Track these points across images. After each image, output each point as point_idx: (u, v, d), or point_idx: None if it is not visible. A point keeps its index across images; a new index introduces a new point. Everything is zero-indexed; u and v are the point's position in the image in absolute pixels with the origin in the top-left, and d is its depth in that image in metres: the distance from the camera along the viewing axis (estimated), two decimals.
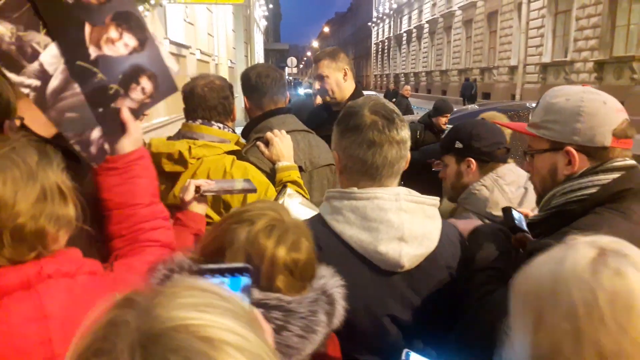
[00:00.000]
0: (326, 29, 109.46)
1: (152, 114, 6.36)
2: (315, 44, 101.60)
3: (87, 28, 1.17)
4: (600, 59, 15.51)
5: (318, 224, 1.33)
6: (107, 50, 1.19)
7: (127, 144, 1.24)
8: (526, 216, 1.58)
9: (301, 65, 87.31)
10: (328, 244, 1.28)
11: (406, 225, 1.28)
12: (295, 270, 1.03)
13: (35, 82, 1.13)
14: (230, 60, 16.46)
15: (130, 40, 1.22)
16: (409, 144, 1.37)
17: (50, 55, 1.14)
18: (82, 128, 1.20)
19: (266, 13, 34.58)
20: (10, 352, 0.86)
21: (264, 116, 2.27)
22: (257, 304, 0.96)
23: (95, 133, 1.21)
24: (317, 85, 2.81)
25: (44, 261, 0.92)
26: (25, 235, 0.87)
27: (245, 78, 2.30)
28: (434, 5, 33.40)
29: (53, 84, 1.15)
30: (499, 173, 1.90)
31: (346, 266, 1.21)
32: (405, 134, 1.35)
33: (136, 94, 1.25)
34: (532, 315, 0.78)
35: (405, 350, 1.05)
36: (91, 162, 1.23)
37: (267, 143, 2.14)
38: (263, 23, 35.15)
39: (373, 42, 57.12)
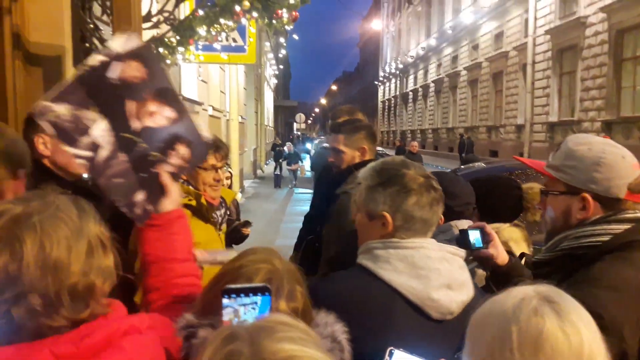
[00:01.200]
0: (334, 87, 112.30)
1: None
2: (323, 101, 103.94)
3: (129, 104, 1.32)
4: (608, 118, 15.59)
5: (361, 274, 1.35)
6: (148, 122, 1.34)
7: (168, 204, 1.35)
8: (483, 230, 1.63)
9: (309, 121, 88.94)
10: (375, 293, 1.31)
11: (450, 274, 1.34)
12: (296, 318, 0.99)
13: (88, 154, 1.30)
14: (241, 116, 16.71)
15: (169, 112, 1.36)
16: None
17: (99, 129, 1.30)
18: (127, 192, 1.34)
19: (276, 72, 35.54)
20: None
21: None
22: None
23: (139, 196, 1.34)
24: (331, 158, 2.62)
25: (116, 318, 0.95)
26: (79, 292, 0.88)
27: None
28: (439, 65, 34.25)
29: (102, 154, 1.31)
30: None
31: (398, 314, 1.28)
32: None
33: (174, 160, 1.37)
34: (469, 344, 0.89)
35: (389, 349, 1.10)
36: (137, 222, 1.36)
37: None
38: (273, 81, 36.06)
39: (379, 100, 58.33)
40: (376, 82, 59.71)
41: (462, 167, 6.68)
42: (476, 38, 27.13)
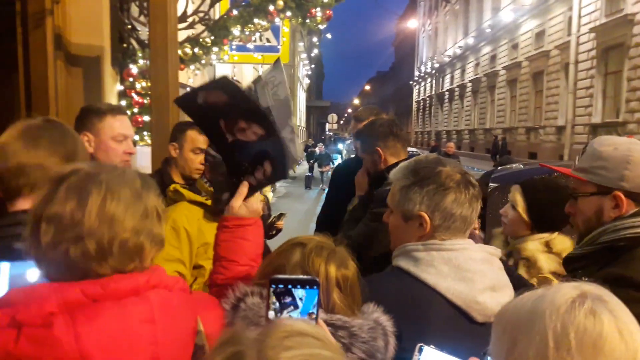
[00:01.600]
0: (367, 87, 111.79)
1: None
2: (356, 101, 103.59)
3: (221, 122, 1.46)
4: None
5: (404, 277, 1.31)
6: (240, 136, 1.45)
7: (240, 210, 1.43)
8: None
9: (342, 122, 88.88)
10: (417, 296, 1.29)
11: (495, 276, 1.32)
12: (345, 287, 1.17)
13: (218, 157, 1.67)
14: None
15: (257, 129, 1.44)
16: None
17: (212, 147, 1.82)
18: (221, 190, 1.60)
19: (309, 72, 35.62)
20: (127, 348, 0.95)
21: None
22: (326, 323, 1.07)
23: (226, 195, 1.50)
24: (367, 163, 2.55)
25: (149, 273, 1.03)
26: (129, 247, 0.98)
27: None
28: (477, 65, 33.62)
29: (217, 159, 1.71)
30: None
31: (442, 318, 1.26)
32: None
33: (258, 174, 1.47)
34: (507, 343, 0.84)
35: (419, 345, 1.08)
36: (218, 212, 1.56)
37: None
38: (306, 81, 36.16)
39: (414, 100, 57.71)
40: (411, 82, 59.09)
41: (499, 168, 6.52)
42: (516, 37, 26.49)
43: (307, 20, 4.48)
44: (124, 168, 1.06)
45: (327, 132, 49.66)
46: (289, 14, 4.39)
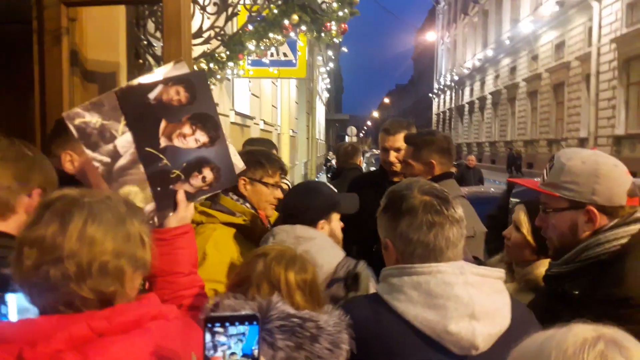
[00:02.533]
0: (386, 100, 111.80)
1: None
2: (375, 114, 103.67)
3: (163, 123, 1.37)
4: None
5: (375, 304, 1.22)
6: (177, 142, 1.39)
7: (173, 221, 1.42)
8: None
9: (361, 134, 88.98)
10: (388, 326, 1.19)
11: (476, 301, 1.17)
12: (305, 289, 1.28)
13: (106, 159, 1.36)
14: (292, 130, 16.86)
15: (201, 137, 1.40)
16: (465, 222, 1.31)
17: (124, 140, 1.37)
18: (135, 201, 1.37)
19: (328, 86, 35.78)
20: None
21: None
22: (293, 316, 1.16)
23: (148, 207, 1.39)
24: (402, 169, 2.62)
25: (147, 303, 1.05)
26: (109, 270, 0.98)
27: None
28: (496, 77, 33.35)
29: (121, 162, 1.37)
30: None
31: (411, 350, 1.16)
32: (461, 212, 1.30)
33: (196, 181, 1.42)
34: None
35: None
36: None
37: None
38: (325, 95, 36.31)
39: (434, 113, 57.46)
40: (430, 95, 58.90)
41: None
42: (536, 48, 26.24)
43: (322, 34, 4.46)
44: (110, 194, 1.08)
45: None
46: (304, 28, 4.38)
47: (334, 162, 18.85)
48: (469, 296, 1.18)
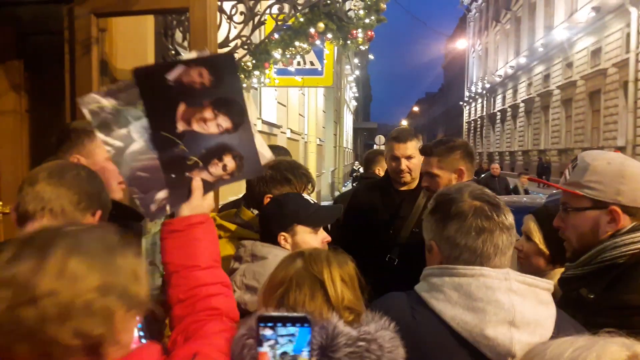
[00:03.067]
0: (416, 108, 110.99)
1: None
2: (404, 122, 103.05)
3: (182, 106, 1.28)
4: None
5: (413, 302, 1.20)
6: (197, 127, 1.28)
7: (186, 210, 1.29)
8: None
9: None
10: (425, 325, 1.17)
11: (518, 309, 1.15)
12: (349, 282, 1.20)
13: (119, 144, 1.27)
14: (319, 139, 16.89)
15: (224, 122, 1.29)
16: (515, 230, 1.28)
17: (139, 126, 1.28)
18: (149, 187, 1.29)
19: (356, 94, 35.75)
20: None
21: None
22: (359, 339, 1.06)
23: (161, 194, 1.29)
24: (425, 183, 2.48)
25: (144, 356, 0.94)
26: (94, 310, 0.85)
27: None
28: (529, 84, 32.74)
29: (134, 147, 1.28)
30: None
31: (446, 351, 1.14)
32: (512, 219, 1.27)
33: (215, 169, 1.31)
34: None
35: None
36: (146, 217, 1.32)
37: None
38: (353, 104, 36.29)
39: (465, 121, 56.75)
40: (461, 103, 58.22)
41: (555, 192, 6.28)
42: (570, 55, 25.63)
43: (349, 42, 4.44)
44: (100, 225, 0.98)
45: None
46: (329, 35, 4.37)
47: (360, 170, 18.72)
48: (511, 303, 1.15)
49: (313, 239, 1.79)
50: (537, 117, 30.91)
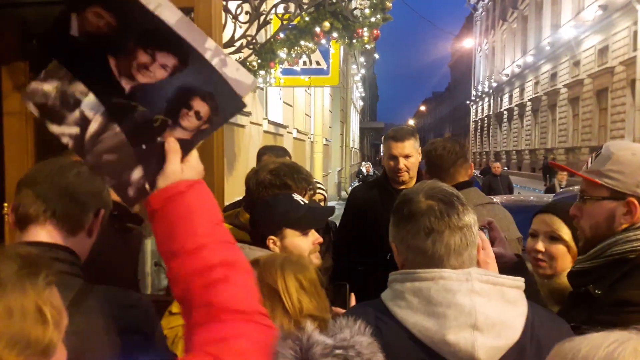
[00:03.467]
0: (422, 108, 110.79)
1: None
2: (411, 122, 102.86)
3: (112, 61, 1.04)
4: None
5: (378, 311, 1.16)
6: (142, 78, 1.04)
7: (161, 181, 1.00)
8: (490, 227, 1.58)
9: None
10: (389, 335, 1.12)
11: (480, 310, 1.10)
12: (308, 288, 1.16)
13: (75, 130, 1.06)
14: (326, 139, 16.88)
15: (166, 60, 1.03)
16: (476, 228, 1.22)
17: (90, 102, 1.06)
18: (120, 169, 1.05)
19: (363, 94, 35.72)
20: None
21: None
22: (336, 347, 1.00)
23: (137, 173, 1.05)
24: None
25: None
26: None
27: (427, 154, 2.48)
28: (536, 83, 32.57)
29: (92, 128, 1.06)
30: None
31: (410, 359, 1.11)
32: (469, 218, 1.20)
33: (189, 121, 1.04)
34: None
35: None
36: (129, 206, 1.09)
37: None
38: (360, 103, 36.26)
39: (472, 120, 56.56)
40: (468, 102, 58.04)
41: (562, 189, 6.23)
42: (577, 54, 25.47)
43: (354, 41, 4.41)
44: (3, 250, 0.79)
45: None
46: (335, 35, 4.34)
47: (363, 169, 18.31)
48: (472, 305, 1.10)
49: (303, 241, 1.74)
50: (544, 116, 30.74)
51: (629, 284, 1.34)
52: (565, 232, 1.76)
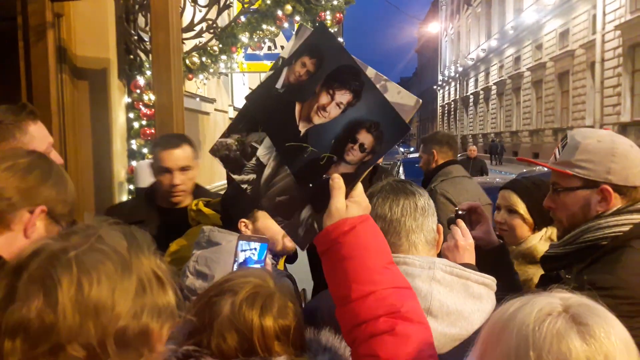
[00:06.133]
0: None
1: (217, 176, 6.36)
2: None
3: (297, 107, 1.09)
4: None
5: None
6: (318, 119, 1.07)
7: (327, 220, 0.98)
8: (476, 211, 1.71)
9: None
10: None
11: (436, 297, 1.12)
12: (286, 337, 1.03)
13: (252, 176, 1.13)
14: None
15: (342, 97, 1.05)
16: (432, 215, 1.27)
17: (264, 147, 1.13)
18: (291, 210, 1.08)
19: None
20: None
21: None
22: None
23: (305, 212, 1.07)
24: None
25: None
26: (129, 339, 0.73)
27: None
28: (501, 67, 33.09)
29: (266, 172, 1.12)
30: None
31: None
32: (423, 201, 1.26)
33: (353, 155, 1.04)
34: (480, 349, 0.79)
35: None
36: (300, 247, 1.11)
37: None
38: None
39: (439, 105, 57.19)
40: (435, 87, 58.61)
41: (525, 171, 6.40)
42: (540, 37, 25.98)
43: (317, 24, 4.36)
44: (100, 231, 0.80)
45: None
46: (297, 18, 4.29)
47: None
48: (429, 291, 1.12)
49: (275, 224, 1.74)
50: (509, 99, 31.31)
51: (597, 269, 1.36)
52: (521, 207, 2.02)
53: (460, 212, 1.64)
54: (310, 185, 1.06)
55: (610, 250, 1.38)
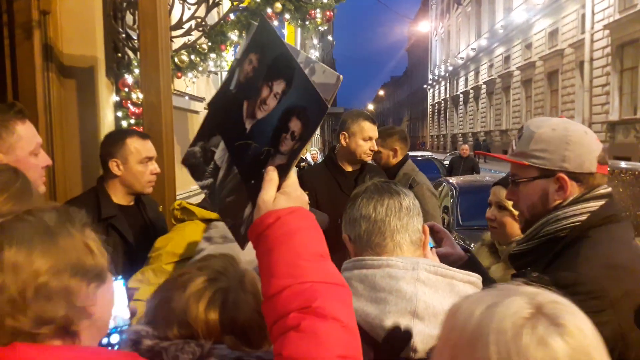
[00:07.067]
0: (381, 92, 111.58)
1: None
2: (370, 106, 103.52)
3: (245, 104, 1.06)
4: None
5: None
6: (260, 114, 1.03)
7: (256, 212, 0.93)
8: (432, 230, 1.60)
9: None
10: None
11: (421, 298, 1.09)
12: (238, 331, 0.99)
13: (210, 180, 1.13)
14: None
15: (278, 87, 1.00)
16: (417, 215, 1.26)
17: (220, 150, 1.12)
18: (236, 210, 1.06)
19: None
20: None
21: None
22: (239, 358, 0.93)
23: (247, 210, 1.03)
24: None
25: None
26: (51, 293, 0.82)
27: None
28: (491, 66, 33.27)
29: (220, 175, 1.11)
30: None
31: None
32: (408, 201, 1.25)
33: (286, 145, 0.98)
34: (449, 353, 0.76)
35: None
36: (240, 246, 1.04)
37: None
38: None
39: (429, 104, 57.39)
40: (425, 86, 58.80)
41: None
42: (529, 37, 26.15)
43: (307, 22, 4.35)
44: (34, 207, 0.90)
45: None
46: (287, 16, 4.26)
47: (310, 157, 17.14)
48: (414, 292, 1.09)
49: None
50: (499, 98, 31.50)
51: (559, 265, 1.35)
52: (510, 202, 1.94)
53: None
54: (252, 182, 1.02)
55: (570, 243, 1.37)
